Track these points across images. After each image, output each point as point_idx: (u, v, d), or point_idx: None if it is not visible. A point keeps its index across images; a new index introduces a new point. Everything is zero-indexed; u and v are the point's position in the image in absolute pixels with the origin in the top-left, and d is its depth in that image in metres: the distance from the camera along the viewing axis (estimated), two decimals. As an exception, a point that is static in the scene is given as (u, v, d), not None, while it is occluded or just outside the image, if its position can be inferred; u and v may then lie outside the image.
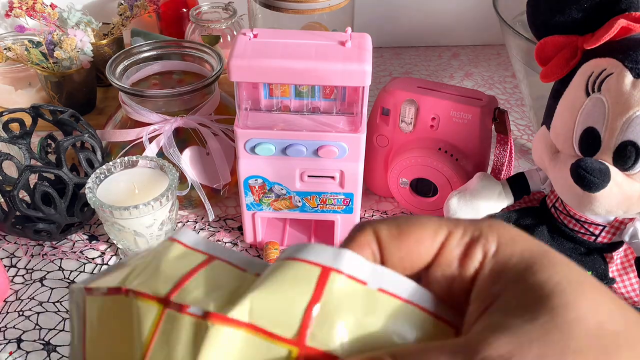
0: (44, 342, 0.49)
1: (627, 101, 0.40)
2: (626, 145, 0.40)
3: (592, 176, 0.41)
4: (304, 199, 0.53)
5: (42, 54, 0.69)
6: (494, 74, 0.86)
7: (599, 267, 0.47)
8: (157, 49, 0.64)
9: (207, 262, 0.26)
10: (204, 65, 0.63)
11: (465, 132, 0.55)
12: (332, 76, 0.46)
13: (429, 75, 0.85)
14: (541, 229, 0.49)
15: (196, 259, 0.27)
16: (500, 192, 0.51)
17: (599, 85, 0.41)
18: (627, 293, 0.48)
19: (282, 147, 0.50)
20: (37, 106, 0.58)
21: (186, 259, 0.27)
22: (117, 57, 0.61)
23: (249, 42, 0.47)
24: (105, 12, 0.86)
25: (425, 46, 0.93)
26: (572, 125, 0.43)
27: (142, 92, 0.57)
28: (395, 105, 0.56)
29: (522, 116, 0.76)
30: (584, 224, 0.47)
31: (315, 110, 0.50)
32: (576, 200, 0.44)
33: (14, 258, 0.57)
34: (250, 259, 0.26)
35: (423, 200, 0.58)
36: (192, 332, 0.24)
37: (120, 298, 0.26)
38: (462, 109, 0.54)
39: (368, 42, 0.48)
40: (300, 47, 0.47)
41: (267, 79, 0.47)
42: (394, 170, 0.57)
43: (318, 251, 0.23)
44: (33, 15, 0.75)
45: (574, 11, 0.43)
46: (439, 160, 0.54)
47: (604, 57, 0.41)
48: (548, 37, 0.45)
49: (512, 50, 0.62)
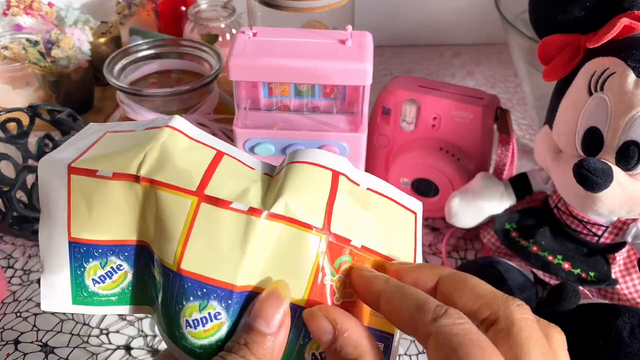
0: (41, 344, 0.49)
1: (630, 100, 0.39)
2: (629, 145, 0.40)
3: (594, 176, 0.41)
4: (304, 199, 0.53)
5: (39, 53, 0.69)
6: (495, 73, 0.85)
7: (601, 268, 0.47)
8: (156, 48, 0.63)
9: (219, 157, 0.29)
10: (203, 64, 0.63)
11: (467, 131, 0.54)
12: (333, 75, 0.45)
13: (430, 75, 0.85)
14: (544, 229, 0.49)
15: (207, 153, 0.29)
16: (503, 193, 0.51)
17: (602, 85, 0.41)
18: (630, 294, 0.47)
19: (282, 147, 0.49)
20: (35, 106, 0.58)
21: (196, 152, 0.29)
22: (115, 56, 0.60)
23: (249, 40, 0.47)
24: (103, 11, 0.85)
25: (427, 45, 0.93)
26: (575, 124, 0.43)
27: (140, 91, 0.57)
28: (396, 104, 0.55)
29: (524, 115, 0.76)
30: (586, 225, 0.47)
31: (315, 110, 0.50)
32: (579, 200, 0.44)
33: (11, 259, 0.57)
34: (254, 160, 0.31)
35: (424, 201, 0.57)
36: (237, 224, 0.27)
37: (129, 184, 0.27)
38: (463, 108, 0.54)
39: (369, 41, 0.48)
40: (300, 46, 0.46)
41: (267, 78, 0.46)
42: (394, 171, 0.57)
43: (326, 158, 0.29)
44: (30, 14, 0.75)
45: (577, 10, 0.43)
46: (440, 160, 0.54)
47: (606, 56, 0.41)
48: (550, 36, 0.44)
49: (514, 49, 0.62)
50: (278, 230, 0.27)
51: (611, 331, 0.42)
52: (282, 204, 0.27)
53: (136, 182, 0.27)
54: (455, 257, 0.56)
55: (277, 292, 0.27)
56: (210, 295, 0.26)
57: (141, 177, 0.27)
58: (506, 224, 0.51)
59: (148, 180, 0.27)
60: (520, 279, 0.46)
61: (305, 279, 0.27)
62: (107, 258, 0.28)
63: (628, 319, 0.42)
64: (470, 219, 0.51)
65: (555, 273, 0.47)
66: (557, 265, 0.47)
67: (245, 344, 0.26)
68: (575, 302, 0.44)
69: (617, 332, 0.42)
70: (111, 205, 0.28)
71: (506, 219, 0.51)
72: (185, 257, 0.26)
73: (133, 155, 0.28)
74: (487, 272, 0.47)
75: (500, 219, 0.51)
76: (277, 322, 0.26)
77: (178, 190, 0.27)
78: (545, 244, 0.48)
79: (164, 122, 0.30)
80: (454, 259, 0.56)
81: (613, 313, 0.43)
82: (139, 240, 0.28)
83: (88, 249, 0.28)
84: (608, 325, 0.43)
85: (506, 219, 0.51)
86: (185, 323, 0.27)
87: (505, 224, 0.51)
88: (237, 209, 0.27)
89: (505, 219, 0.51)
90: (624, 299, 0.47)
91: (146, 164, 0.27)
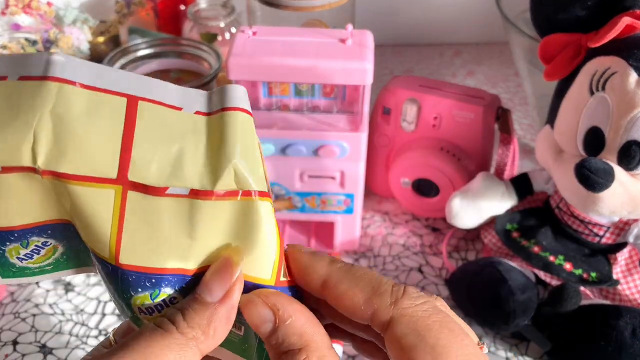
0: (40, 345, 0.49)
1: (631, 100, 0.39)
2: (630, 145, 0.40)
3: (596, 176, 0.40)
4: (304, 199, 0.53)
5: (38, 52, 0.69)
6: (496, 72, 0.85)
7: (602, 268, 0.47)
8: (155, 47, 0.63)
9: (134, 108, 0.22)
10: (202, 64, 0.63)
11: (468, 131, 0.54)
12: (333, 74, 0.45)
13: (430, 74, 0.85)
14: (545, 230, 0.49)
15: (116, 108, 0.22)
16: (504, 193, 0.51)
17: (603, 84, 0.41)
18: (632, 295, 0.47)
19: (282, 147, 0.49)
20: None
21: (102, 113, 0.22)
22: (114, 56, 0.60)
23: (248, 39, 0.47)
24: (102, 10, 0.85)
25: (427, 44, 0.92)
26: (576, 124, 0.43)
27: (139, 90, 0.56)
28: (397, 104, 0.55)
29: (525, 115, 0.76)
30: (587, 225, 0.47)
31: (315, 109, 0.50)
32: (580, 200, 0.44)
33: (10, 259, 0.57)
34: (177, 89, 0.24)
35: (425, 201, 0.57)
36: (179, 210, 0.23)
37: (27, 175, 0.22)
38: (464, 108, 0.53)
39: (369, 40, 0.48)
40: (300, 45, 0.46)
41: (267, 77, 0.46)
42: (395, 170, 0.57)
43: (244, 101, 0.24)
44: (29, 13, 0.75)
45: (578, 9, 0.43)
46: (441, 160, 0.54)
47: (608, 56, 0.41)
48: (551, 35, 0.44)
49: (515, 48, 0.62)
50: (228, 205, 0.23)
51: (612, 332, 0.42)
52: (230, 176, 0.23)
53: (36, 173, 0.22)
54: (456, 258, 0.56)
55: (227, 259, 0.23)
56: (161, 284, 0.23)
57: (41, 171, 0.22)
58: (507, 224, 0.51)
59: (50, 173, 0.22)
60: (522, 279, 0.46)
61: (270, 257, 0.24)
62: (28, 239, 0.24)
63: (629, 320, 0.42)
64: (471, 219, 0.51)
65: (557, 273, 0.47)
66: (558, 265, 0.47)
67: (180, 309, 0.23)
68: (576, 303, 0.44)
69: (618, 333, 0.42)
70: (13, 198, 0.23)
71: (507, 219, 0.51)
72: (123, 252, 0.23)
73: (18, 133, 0.21)
74: (488, 273, 0.47)
75: (501, 219, 0.51)
76: (220, 290, 0.23)
77: (93, 181, 0.22)
78: (546, 244, 0.48)
79: (43, 68, 0.22)
80: (454, 259, 0.56)
81: (614, 314, 0.43)
82: (61, 219, 0.24)
83: (1, 235, 0.24)
84: (609, 326, 0.42)
85: (507, 219, 0.51)
86: (139, 310, 0.24)
87: (507, 224, 0.51)
88: (175, 194, 0.22)
89: (506, 219, 0.51)
90: (626, 299, 0.47)
91: (41, 150, 0.21)
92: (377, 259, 0.56)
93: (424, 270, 0.55)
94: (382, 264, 0.55)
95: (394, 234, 0.58)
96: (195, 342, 0.22)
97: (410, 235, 0.58)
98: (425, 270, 0.55)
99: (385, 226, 0.59)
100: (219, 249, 0.24)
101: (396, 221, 0.60)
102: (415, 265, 0.55)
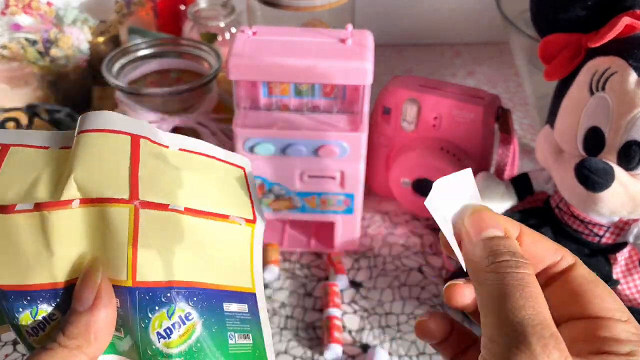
0: (39, 345, 0.49)
1: (631, 100, 0.39)
2: (631, 145, 0.40)
3: (596, 176, 0.40)
4: (304, 199, 0.53)
5: (38, 52, 0.69)
6: (496, 72, 0.85)
7: (602, 268, 0.47)
8: (155, 47, 0.63)
9: (4, 152, 0.27)
10: (202, 64, 0.63)
11: (468, 131, 0.54)
12: (333, 74, 0.45)
13: (430, 74, 0.85)
14: (545, 229, 0.49)
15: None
16: (504, 193, 0.51)
17: (603, 84, 0.41)
18: (632, 295, 0.47)
19: (282, 147, 0.49)
20: (33, 105, 0.58)
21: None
22: (114, 56, 0.60)
23: (248, 39, 0.47)
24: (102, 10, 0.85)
25: (427, 44, 0.92)
26: (576, 124, 0.43)
27: (139, 90, 0.56)
28: (397, 104, 0.55)
29: (525, 115, 0.76)
30: (587, 225, 0.47)
31: (315, 109, 0.50)
32: (580, 200, 0.44)
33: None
34: (49, 134, 0.28)
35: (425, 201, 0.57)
36: (32, 225, 0.25)
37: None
38: (464, 108, 0.53)
39: (369, 40, 0.48)
40: (300, 45, 0.46)
41: (267, 77, 0.46)
42: (395, 170, 0.57)
43: (121, 122, 0.27)
44: (29, 13, 0.75)
45: (578, 9, 0.43)
46: (441, 160, 0.54)
47: (608, 56, 0.41)
48: (551, 35, 0.44)
49: (515, 48, 0.62)
50: (79, 215, 0.25)
51: (613, 332, 0.42)
52: (72, 187, 0.25)
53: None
54: (456, 258, 0.56)
55: (89, 269, 0.26)
56: (36, 300, 0.25)
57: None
58: (507, 224, 0.51)
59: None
60: (522, 279, 0.46)
61: (123, 257, 0.26)
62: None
63: (630, 320, 0.42)
64: (471, 219, 0.51)
65: (557, 273, 0.47)
66: (558, 265, 0.47)
67: (60, 328, 0.25)
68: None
69: (618, 333, 0.42)
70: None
71: (507, 219, 0.51)
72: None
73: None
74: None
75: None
76: (88, 298, 0.25)
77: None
78: (546, 244, 0.48)
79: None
80: (454, 259, 0.56)
81: (615, 314, 0.43)
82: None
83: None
84: (610, 326, 0.42)
85: (507, 219, 0.51)
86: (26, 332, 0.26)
87: (506, 224, 0.51)
88: (23, 209, 0.25)
89: (506, 219, 0.51)
90: (626, 299, 0.47)
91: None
92: (377, 259, 0.56)
93: (424, 270, 0.55)
94: (382, 264, 0.55)
95: (394, 234, 0.58)
96: (79, 350, 0.24)
97: (410, 235, 0.58)
98: (425, 270, 0.55)
99: (385, 226, 0.59)
100: (83, 257, 0.26)
101: (396, 221, 0.60)
102: (415, 265, 0.55)
